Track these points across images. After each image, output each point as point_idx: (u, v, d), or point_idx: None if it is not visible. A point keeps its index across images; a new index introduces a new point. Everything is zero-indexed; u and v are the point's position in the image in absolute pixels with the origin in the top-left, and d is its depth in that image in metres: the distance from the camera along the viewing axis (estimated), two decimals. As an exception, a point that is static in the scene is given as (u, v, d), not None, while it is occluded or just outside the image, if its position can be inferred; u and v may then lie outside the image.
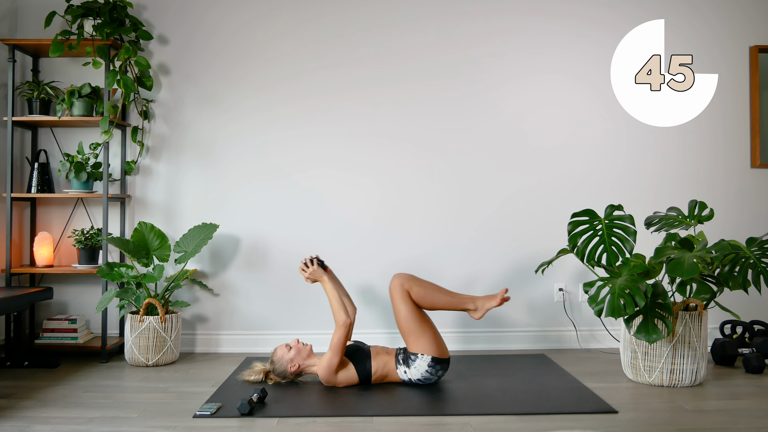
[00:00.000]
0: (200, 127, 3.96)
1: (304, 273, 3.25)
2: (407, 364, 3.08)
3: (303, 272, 3.25)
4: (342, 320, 3.03)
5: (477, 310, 3.15)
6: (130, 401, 2.93)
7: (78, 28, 3.65)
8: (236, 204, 3.95)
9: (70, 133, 3.97)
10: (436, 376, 3.09)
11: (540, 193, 3.99)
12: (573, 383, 3.17)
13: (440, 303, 3.12)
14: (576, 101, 4.00)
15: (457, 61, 3.97)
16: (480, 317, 3.16)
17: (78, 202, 3.97)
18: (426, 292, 3.10)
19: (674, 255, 2.99)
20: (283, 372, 3.12)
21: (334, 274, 3.40)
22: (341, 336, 3.00)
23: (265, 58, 3.96)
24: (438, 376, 3.09)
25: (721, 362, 3.53)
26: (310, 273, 3.23)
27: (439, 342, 3.08)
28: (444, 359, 3.08)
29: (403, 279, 3.11)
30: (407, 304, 3.07)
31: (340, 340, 3.01)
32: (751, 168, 4.05)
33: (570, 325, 3.98)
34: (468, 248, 3.97)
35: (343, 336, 3.01)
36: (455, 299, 3.14)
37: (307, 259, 3.26)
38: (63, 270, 3.70)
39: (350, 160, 3.96)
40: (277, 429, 2.57)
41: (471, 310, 3.16)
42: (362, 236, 3.95)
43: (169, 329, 3.59)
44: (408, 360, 3.08)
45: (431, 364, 3.04)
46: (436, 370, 3.06)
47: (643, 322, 2.97)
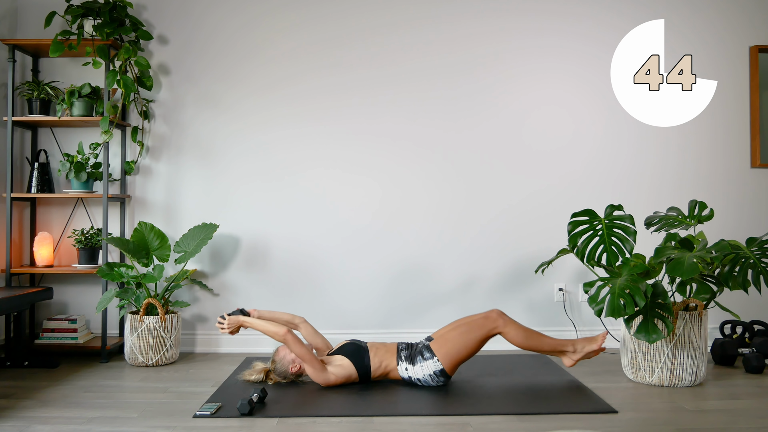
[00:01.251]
0: (200, 127, 3.96)
1: (222, 329, 3.13)
2: (412, 361, 3.08)
3: (221, 327, 3.13)
4: (281, 336, 2.98)
5: (576, 352, 3.18)
6: (130, 401, 2.93)
7: (78, 28, 3.65)
8: (236, 204, 3.95)
9: (70, 133, 3.97)
10: (434, 383, 3.10)
11: (540, 193, 3.99)
12: (573, 383, 3.17)
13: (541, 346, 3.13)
14: (577, 101, 4.00)
15: (456, 61, 3.97)
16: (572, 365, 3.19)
17: (78, 202, 3.97)
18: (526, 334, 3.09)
19: (674, 255, 2.99)
20: (284, 372, 3.12)
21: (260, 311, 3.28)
22: (293, 346, 2.97)
23: (265, 58, 3.96)
24: (435, 383, 3.10)
25: (721, 362, 3.53)
26: (227, 324, 3.12)
27: (458, 365, 3.10)
28: (449, 376, 3.10)
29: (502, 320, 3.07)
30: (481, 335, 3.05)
31: (297, 350, 2.98)
32: (751, 168, 4.05)
33: (570, 325, 3.98)
34: (468, 248, 3.97)
35: (294, 345, 2.97)
36: (556, 341, 3.15)
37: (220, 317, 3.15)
38: (63, 270, 3.70)
39: (350, 159, 3.96)
40: (277, 429, 2.57)
41: (570, 352, 3.18)
42: (362, 235, 3.95)
43: (169, 329, 3.58)
44: (415, 357, 3.08)
45: (438, 372, 3.06)
46: (439, 379, 3.08)
47: (643, 322, 2.97)
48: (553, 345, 3.14)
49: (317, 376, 3.04)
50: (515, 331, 3.08)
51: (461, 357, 3.06)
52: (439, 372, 3.05)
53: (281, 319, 3.34)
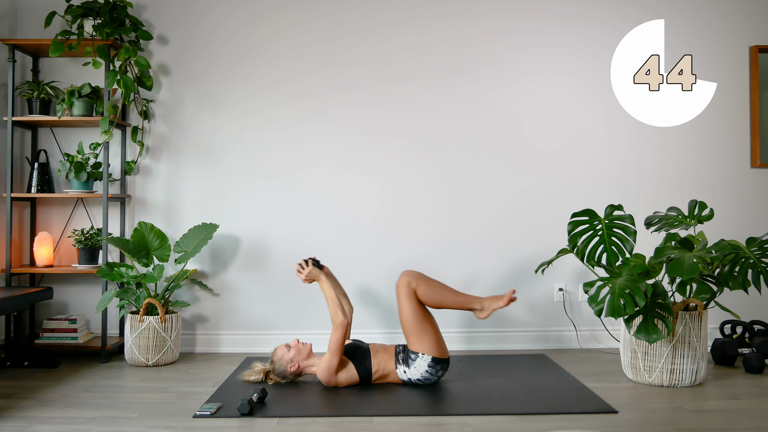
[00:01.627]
0: (200, 127, 3.96)
1: (300, 275, 3.24)
2: (407, 364, 3.08)
3: (299, 274, 3.24)
4: (339, 321, 3.01)
5: (483, 310, 3.14)
6: (130, 401, 2.93)
7: (78, 28, 3.65)
8: (236, 204, 3.95)
9: (70, 133, 3.97)
10: (436, 376, 3.09)
11: (541, 193, 3.99)
12: (573, 383, 3.17)
13: (447, 302, 3.11)
14: (577, 101, 4.00)
15: (456, 61, 3.97)
16: (485, 317, 3.15)
17: (78, 202, 3.97)
18: (433, 290, 3.08)
19: (674, 255, 2.99)
20: (283, 372, 3.12)
21: (331, 274, 3.39)
22: (339, 337, 3.00)
23: (265, 58, 3.96)
24: (438, 376, 3.09)
25: (721, 362, 3.53)
26: (306, 274, 3.21)
27: (440, 342, 3.08)
28: (444, 359, 3.07)
29: (411, 277, 3.10)
30: (412, 303, 3.06)
31: (338, 341, 3.00)
32: (751, 168, 4.05)
33: (570, 325, 3.98)
34: (468, 248, 3.97)
35: (341, 337, 3.00)
36: (462, 298, 3.13)
37: (303, 261, 3.26)
38: (63, 270, 3.70)
39: (350, 159, 3.96)
40: (277, 429, 2.57)
41: (477, 309, 3.15)
42: (362, 235, 3.95)
43: (169, 329, 3.59)
44: (408, 359, 3.08)
45: (431, 364, 3.04)
46: (436, 370, 3.06)
47: (643, 322, 2.97)
48: (460, 302, 3.12)
49: (327, 373, 3.03)
50: (424, 288, 3.07)
51: (431, 334, 3.04)
52: (432, 362, 3.04)
53: (342, 299, 3.32)
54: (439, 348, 3.06)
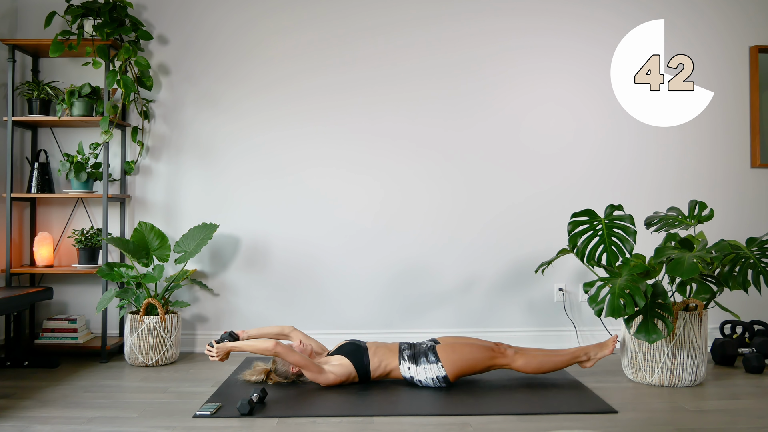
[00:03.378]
0: (200, 127, 3.96)
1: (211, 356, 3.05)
2: (415, 362, 3.08)
3: (210, 355, 3.05)
4: (270, 351, 2.95)
5: (589, 360, 3.21)
6: (130, 401, 2.93)
7: (78, 28, 3.65)
8: (236, 204, 3.95)
9: (70, 133, 3.97)
10: (434, 386, 3.10)
11: (540, 192, 3.98)
12: (573, 383, 3.17)
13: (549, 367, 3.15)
14: (577, 101, 4.00)
15: (456, 60, 3.97)
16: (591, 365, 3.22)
17: (78, 202, 3.97)
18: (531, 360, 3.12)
19: (674, 255, 2.99)
20: (285, 372, 3.12)
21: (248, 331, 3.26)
22: (287, 356, 2.97)
23: (265, 57, 3.96)
24: (435, 386, 3.11)
25: (721, 362, 3.53)
26: (216, 352, 3.05)
27: (461, 376, 3.10)
28: (452, 383, 3.11)
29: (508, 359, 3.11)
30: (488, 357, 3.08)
31: (292, 359, 2.98)
32: (751, 168, 4.04)
33: (570, 325, 3.98)
34: (468, 247, 3.97)
35: (287, 355, 2.97)
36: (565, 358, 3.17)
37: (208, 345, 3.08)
38: (63, 270, 3.70)
39: (350, 158, 3.96)
40: (277, 429, 2.57)
41: (584, 360, 3.21)
42: (363, 235, 3.95)
43: (169, 329, 3.58)
44: (420, 357, 3.08)
45: (441, 377, 3.06)
46: (440, 384, 3.09)
47: (643, 322, 2.97)
48: (567, 361, 3.17)
49: (317, 378, 3.04)
50: (524, 361, 3.11)
51: (465, 371, 3.08)
52: (442, 378, 3.06)
53: (270, 333, 3.31)
54: (457, 377, 3.09)
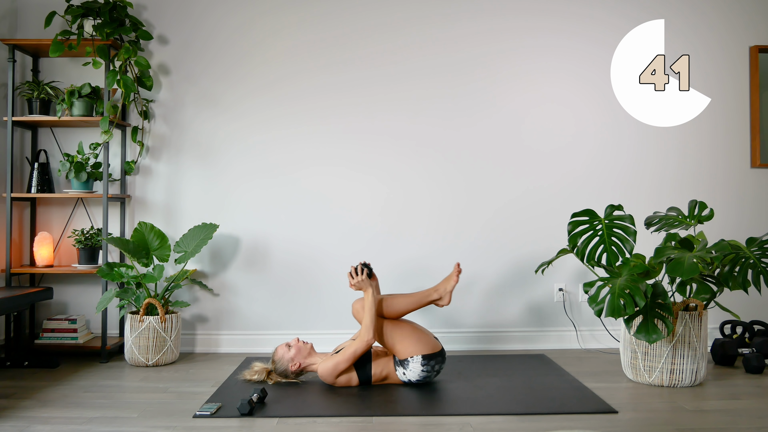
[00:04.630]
0: (200, 127, 3.96)
1: (351, 280, 3.13)
2: (404, 367, 3.09)
3: (350, 279, 3.13)
4: (368, 338, 3.02)
5: (441, 297, 3.21)
6: (130, 401, 2.93)
7: (78, 28, 3.65)
8: (236, 203, 3.95)
9: (70, 133, 3.97)
10: (434, 371, 3.09)
11: (540, 192, 3.99)
12: (573, 383, 3.17)
13: (404, 307, 3.16)
14: (578, 100, 4.00)
15: (456, 60, 3.97)
16: (448, 302, 3.22)
17: (78, 202, 3.97)
18: (387, 304, 3.14)
19: (674, 255, 2.99)
20: (284, 371, 3.12)
21: (378, 285, 3.23)
22: (360, 351, 3.03)
23: (265, 57, 3.96)
24: (436, 370, 3.10)
25: (721, 362, 3.53)
26: (356, 282, 3.11)
27: (423, 338, 3.08)
28: (435, 353, 3.08)
29: (360, 300, 3.16)
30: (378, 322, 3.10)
31: (356, 354, 3.03)
32: (751, 168, 4.05)
33: (570, 325, 3.98)
34: (468, 248, 3.97)
35: (361, 352, 3.03)
36: (417, 297, 3.19)
37: (354, 268, 3.14)
38: (63, 270, 3.70)
39: (350, 158, 3.96)
40: (277, 429, 2.57)
41: (436, 300, 3.21)
42: (363, 235, 3.95)
43: (169, 329, 3.59)
44: (404, 364, 3.09)
45: (423, 362, 3.05)
46: (431, 366, 3.07)
47: (643, 322, 2.97)
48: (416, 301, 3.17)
49: (331, 377, 3.05)
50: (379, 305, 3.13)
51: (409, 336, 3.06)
52: (423, 360, 3.04)
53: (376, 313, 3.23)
54: (424, 344, 3.07)
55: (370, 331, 3.03)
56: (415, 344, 3.06)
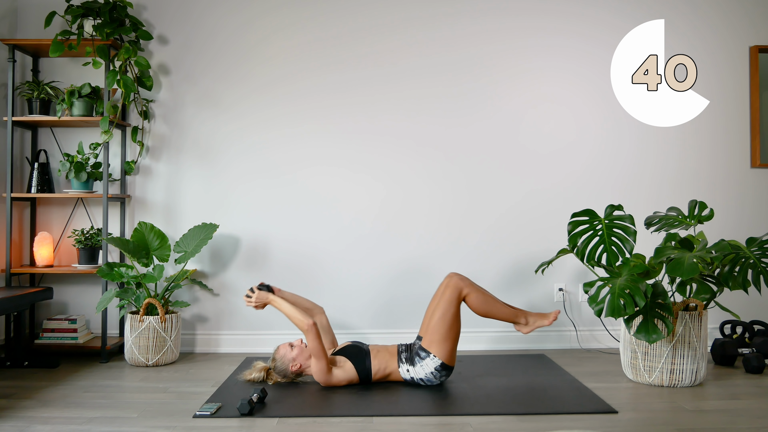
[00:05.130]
0: (200, 127, 3.96)
1: (250, 303, 3.15)
2: (412, 362, 3.08)
3: (248, 302, 3.15)
4: (305, 325, 2.99)
5: (528, 324, 3.18)
6: (130, 401, 2.93)
7: (78, 28, 3.65)
8: (236, 203, 3.95)
9: (70, 133, 3.97)
10: (439, 380, 3.09)
11: (540, 192, 3.98)
12: (573, 383, 3.17)
13: (496, 313, 3.13)
14: (578, 100, 4.00)
15: (456, 59, 3.97)
16: (528, 332, 3.20)
17: (78, 202, 3.97)
18: (485, 300, 3.11)
19: (674, 255, 2.99)
20: (284, 371, 3.12)
21: (283, 292, 3.32)
22: (312, 340, 2.98)
23: (264, 57, 3.96)
24: (440, 380, 3.10)
25: (721, 362, 3.53)
26: (255, 300, 3.13)
27: (455, 351, 3.09)
28: (451, 367, 3.09)
29: (463, 282, 3.09)
30: (454, 307, 3.06)
31: (315, 344, 2.99)
32: (751, 168, 4.05)
33: (570, 325, 3.98)
34: (468, 247, 3.96)
35: (314, 339, 2.98)
36: (511, 311, 3.16)
37: (249, 290, 3.18)
38: (63, 270, 3.70)
39: (350, 157, 3.96)
40: (277, 429, 2.57)
41: (522, 324, 3.18)
42: (363, 235, 3.95)
43: (169, 329, 3.59)
44: (414, 358, 3.08)
45: (438, 368, 3.05)
46: (441, 374, 3.07)
47: (643, 322, 2.97)
48: (507, 315, 3.15)
49: (321, 375, 3.04)
50: (476, 295, 3.09)
51: (452, 341, 3.05)
52: (439, 367, 3.05)
53: (303, 305, 3.32)
54: (452, 356, 3.07)
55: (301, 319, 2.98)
56: (448, 351, 3.05)
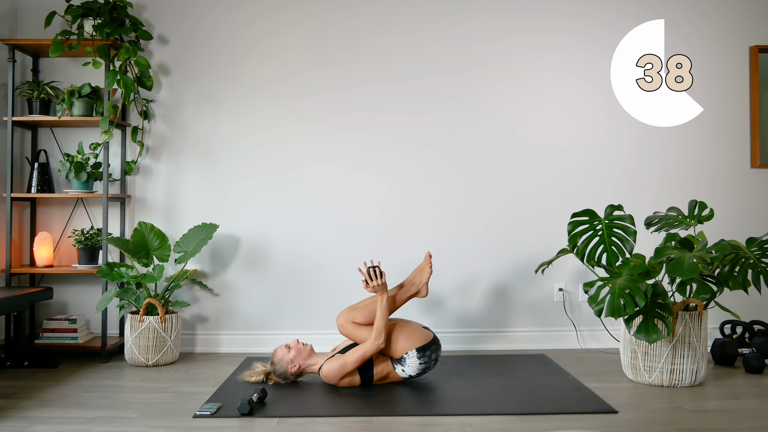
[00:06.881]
0: (200, 127, 3.96)
1: (369, 283, 3.06)
2: (402, 364, 3.09)
3: (366, 285, 3.06)
4: (378, 344, 3.02)
5: (419, 291, 3.25)
6: (130, 401, 2.93)
7: (78, 28, 3.65)
8: (236, 203, 3.95)
9: (70, 133, 3.97)
10: (433, 361, 3.10)
11: (541, 192, 3.98)
12: (573, 383, 3.17)
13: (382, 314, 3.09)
14: (578, 100, 4.00)
15: (457, 59, 3.97)
16: (426, 294, 3.26)
17: (78, 202, 3.97)
18: (368, 310, 3.13)
19: (674, 255, 2.99)
20: (283, 373, 3.12)
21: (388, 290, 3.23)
22: (368, 355, 3.03)
23: (264, 56, 3.96)
24: (434, 359, 3.11)
25: (721, 362, 3.53)
26: (374, 286, 3.05)
27: (413, 332, 3.10)
28: (428, 343, 3.09)
29: (344, 314, 3.16)
30: (363, 330, 3.11)
31: (365, 357, 3.03)
32: (751, 168, 4.05)
33: (570, 325, 3.98)
34: (468, 247, 3.96)
35: (369, 355, 3.03)
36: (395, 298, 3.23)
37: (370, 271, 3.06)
38: (63, 270, 3.70)
39: (350, 157, 3.96)
40: (277, 429, 2.57)
41: (414, 293, 3.25)
42: (363, 235, 3.95)
43: (169, 329, 3.58)
44: (401, 362, 3.09)
45: (419, 355, 3.06)
46: (428, 356, 3.08)
47: (643, 322, 2.97)
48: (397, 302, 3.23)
49: (335, 377, 3.04)
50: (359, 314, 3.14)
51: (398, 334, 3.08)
52: (419, 354, 3.05)
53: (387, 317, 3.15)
54: (415, 338, 3.08)
55: (382, 335, 3.03)
56: (407, 340, 3.07)
